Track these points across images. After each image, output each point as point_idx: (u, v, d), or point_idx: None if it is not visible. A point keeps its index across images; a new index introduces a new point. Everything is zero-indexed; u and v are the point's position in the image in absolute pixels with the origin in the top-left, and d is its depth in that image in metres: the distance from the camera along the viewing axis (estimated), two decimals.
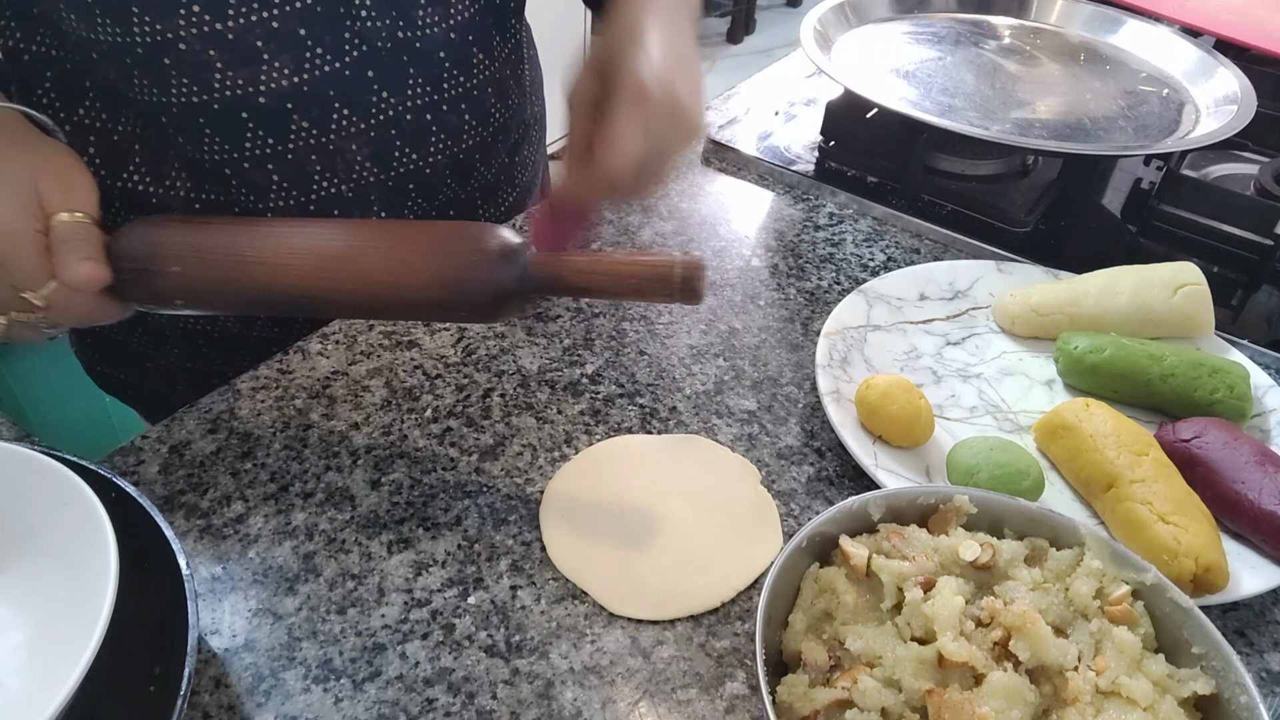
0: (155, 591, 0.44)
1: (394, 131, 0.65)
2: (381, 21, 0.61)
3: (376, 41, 0.61)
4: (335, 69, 0.60)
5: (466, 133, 0.70)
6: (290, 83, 0.59)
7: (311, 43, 0.59)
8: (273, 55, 0.58)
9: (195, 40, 0.56)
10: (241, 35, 0.57)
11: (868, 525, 0.47)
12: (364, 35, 0.61)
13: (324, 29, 0.59)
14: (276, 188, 0.63)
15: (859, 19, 1.00)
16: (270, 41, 0.57)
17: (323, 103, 0.61)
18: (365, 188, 0.66)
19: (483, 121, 0.71)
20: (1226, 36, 1.05)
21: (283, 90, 0.59)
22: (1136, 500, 0.52)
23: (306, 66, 0.59)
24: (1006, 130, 0.83)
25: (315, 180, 0.64)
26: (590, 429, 0.60)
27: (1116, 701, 0.39)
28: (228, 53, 0.57)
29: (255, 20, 0.56)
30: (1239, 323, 0.74)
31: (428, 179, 0.69)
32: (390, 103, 0.64)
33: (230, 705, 0.45)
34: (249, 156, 0.62)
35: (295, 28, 0.58)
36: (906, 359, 0.67)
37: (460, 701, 0.45)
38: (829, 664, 0.42)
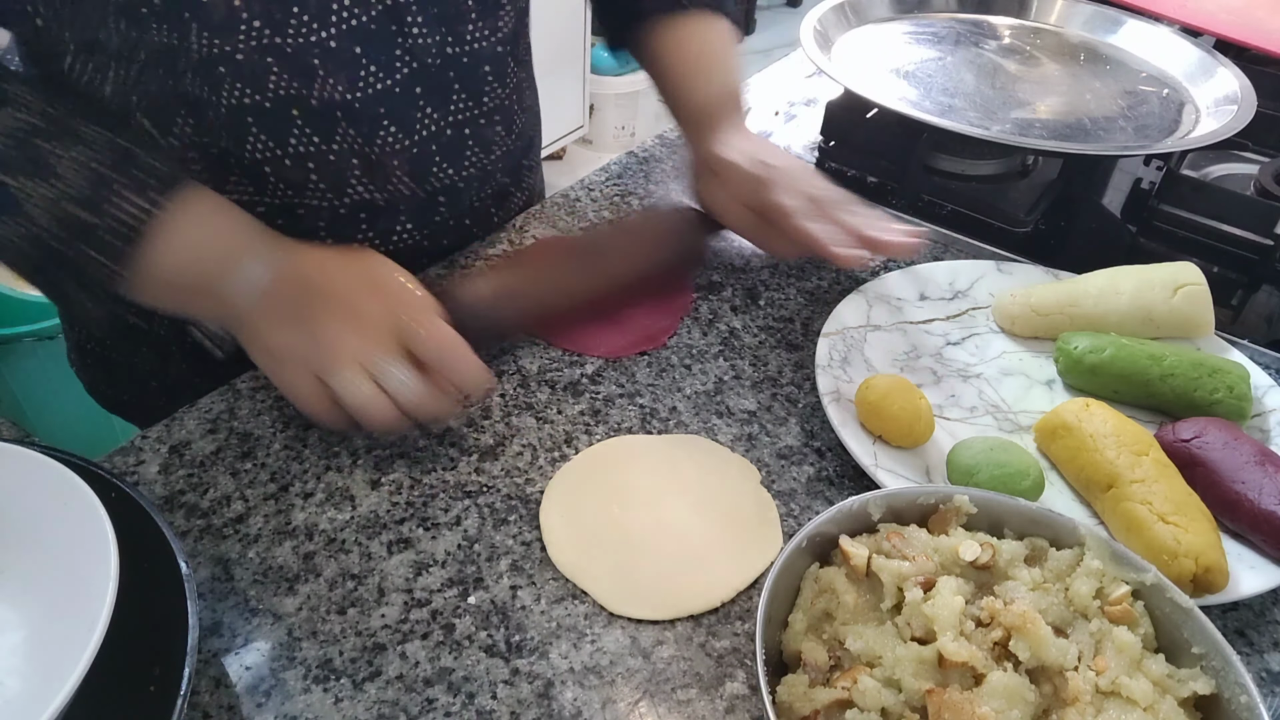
0: (155, 591, 0.44)
1: (434, 147, 0.66)
2: (432, 38, 0.62)
3: (426, 58, 0.62)
4: (386, 86, 0.61)
5: (497, 144, 0.72)
6: (342, 98, 0.60)
7: (366, 61, 0.59)
8: (328, 73, 0.59)
9: (253, 52, 0.56)
10: (299, 52, 0.57)
11: (868, 525, 0.47)
12: (414, 52, 0.61)
13: (378, 48, 0.60)
14: (313, 188, 0.64)
15: (859, 19, 1.00)
16: (327, 60, 0.58)
17: (371, 119, 0.62)
18: (397, 198, 0.67)
19: (509, 130, 0.73)
20: (1226, 36, 1.05)
21: (334, 102, 0.60)
22: (1136, 500, 0.52)
23: (360, 85, 0.60)
24: (1006, 130, 0.83)
25: (351, 185, 0.64)
26: (590, 429, 0.60)
27: (1116, 701, 0.39)
28: (285, 65, 0.57)
29: (314, 40, 0.57)
30: (1239, 323, 0.74)
31: (459, 192, 0.70)
32: (433, 118, 0.65)
33: (230, 705, 0.45)
34: (292, 153, 0.62)
35: (351, 46, 0.58)
36: (906, 359, 0.67)
37: (460, 701, 0.45)
38: (829, 664, 0.42)
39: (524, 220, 0.80)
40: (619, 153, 0.92)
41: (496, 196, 0.76)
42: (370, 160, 0.64)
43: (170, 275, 0.55)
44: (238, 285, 0.55)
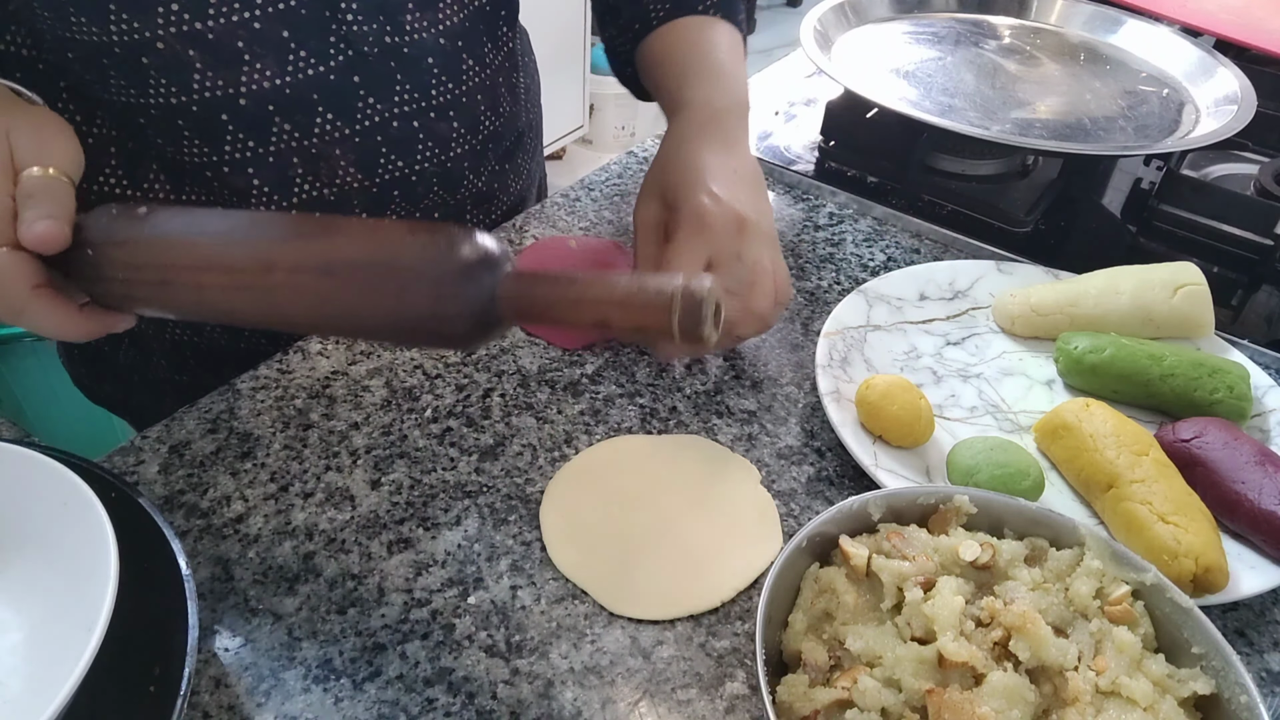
0: (155, 591, 0.44)
1: (380, 138, 0.64)
2: (368, 26, 0.60)
3: (363, 46, 0.60)
4: (319, 73, 0.59)
5: (455, 141, 0.69)
6: (272, 85, 0.58)
7: (295, 45, 0.58)
8: (255, 57, 0.57)
9: (174, 40, 0.55)
10: (222, 36, 0.55)
11: (868, 525, 0.47)
12: (350, 39, 0.60)
13: (308, 32, 0.58)
14: (257, 191, 0.63)
15: (859, 19, 1.00)
16: (252, 43, 0.56)
17: (306, 107, 0.60)
18: (348, 193, 0.65)
19: (472, 130, 0.70)
20: (1226, 36, 1.05)
21: (264, 93, 0.58)
22: (1136, 500, 0.52)
23: (289, 69, 0.58)
24: (1006, 130, 0.83)
25: (297, 184, 0.63)
26: (590, 429, 0.60)
27: (1116, 701, 0.39)
28: (208, 53, 0.56)
29: (237, 21, 0.55)
30: (1239, 323, 0.74)
31: (413, 186, 0.68)
32: (376, 109, 0.63)
33: (230, 705, 0.45)
34: (229, 160, 0.61)
35: (279, 30, 0.57)
36: (906, 359, 0.67)
37: (460, 701, 0.45)
38: (829, 664, 0.42)
39: (524, 220, 0.80)
40: (619, 153, 0.92)
41: (473, 198, 0.74)
42: (311, 155, 0.62)
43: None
44: None
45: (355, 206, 0.67)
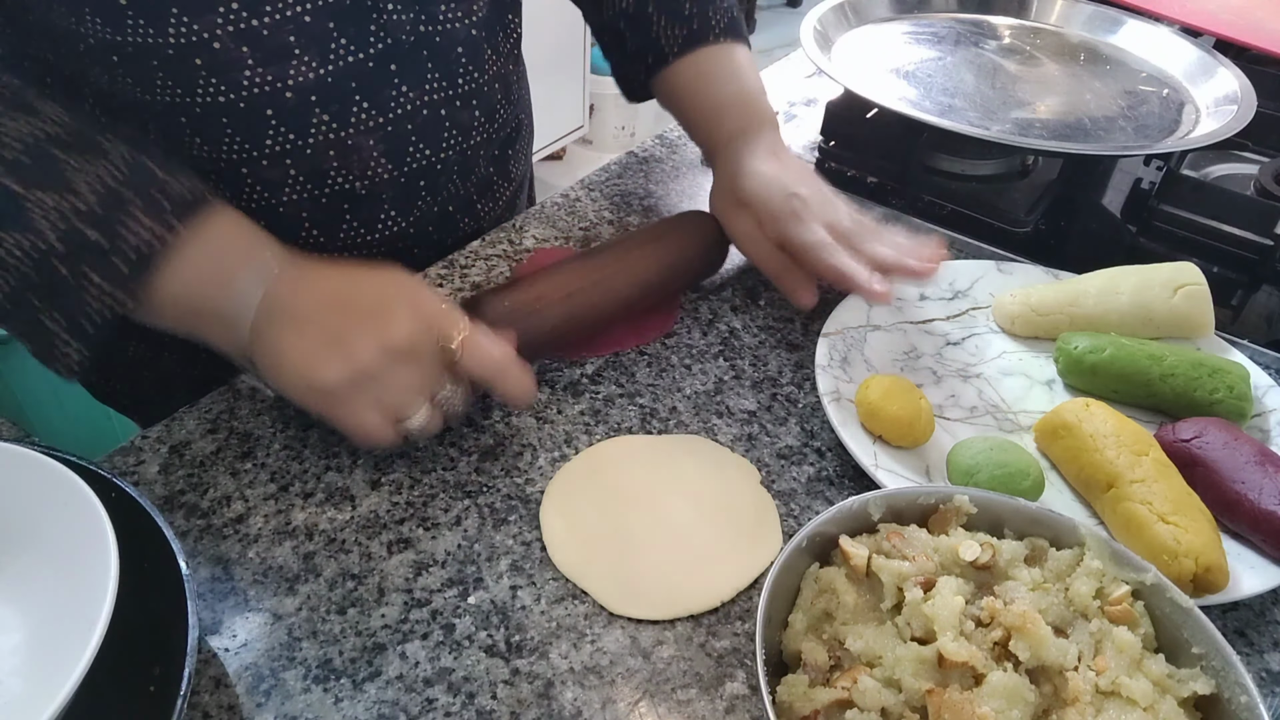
0: (155, 591, 0.44)
1: (410, 127, 0.66)
2: (405, 15, 0.62)
3: (400, 34, 0.62)
4: (358, 60, 0.61)
5: (476, 129, 0.71)
6: (316, 75, 0.59)
7: (338, 34, 0.59)
8: (303, 50, 0.58)
9: (230, 39, 0.56)
10: (275, 31, 0.57)
11: (868, 525, 0.47)
12: (388, 28, 0.61)
13: (350, 22, 0.59)
14: (292, 182, 0.64)
15: (859, 19, 1.00)
16: (301, 36, 0.58)
17: (343, 96, 0.61)
18: (378, 184, 0.67)
19: (489, 117, 0.72)
20: (1226, 36, 1.05)
21: (308, 84, 0.60)
22: (1136, 500, 0.52)
23: (331, 59, 0.60)
24: (1006, 130, 0.83)
25: (330, 176, 0.64)
26: (590, 429, 0.60)
27: (1116, 701, 0.39)
28: (260, 50, 0.57)
29: (289, 15, 0.57)
30: (1239, 323, 0.74)
31: (437, 175, 0.70)
32: (409, 97, 0.64)
33: (230, 705, 0.45)
34: (268, 153, 0.62)
35: (325, 21, 0.58)
36: (906, 359, 0.67)
37: (460, 701, 0.45)
38: (829, 664, 0.42)
39: (523, 220, 0.80)
40: (619, 153, 0.92)
41: (480, 185, 0.76)
42: (346, 146, 0.63)
43: (175, 299, 0.52)
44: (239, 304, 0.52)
45: (384, 200, 0.68)
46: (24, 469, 0.45)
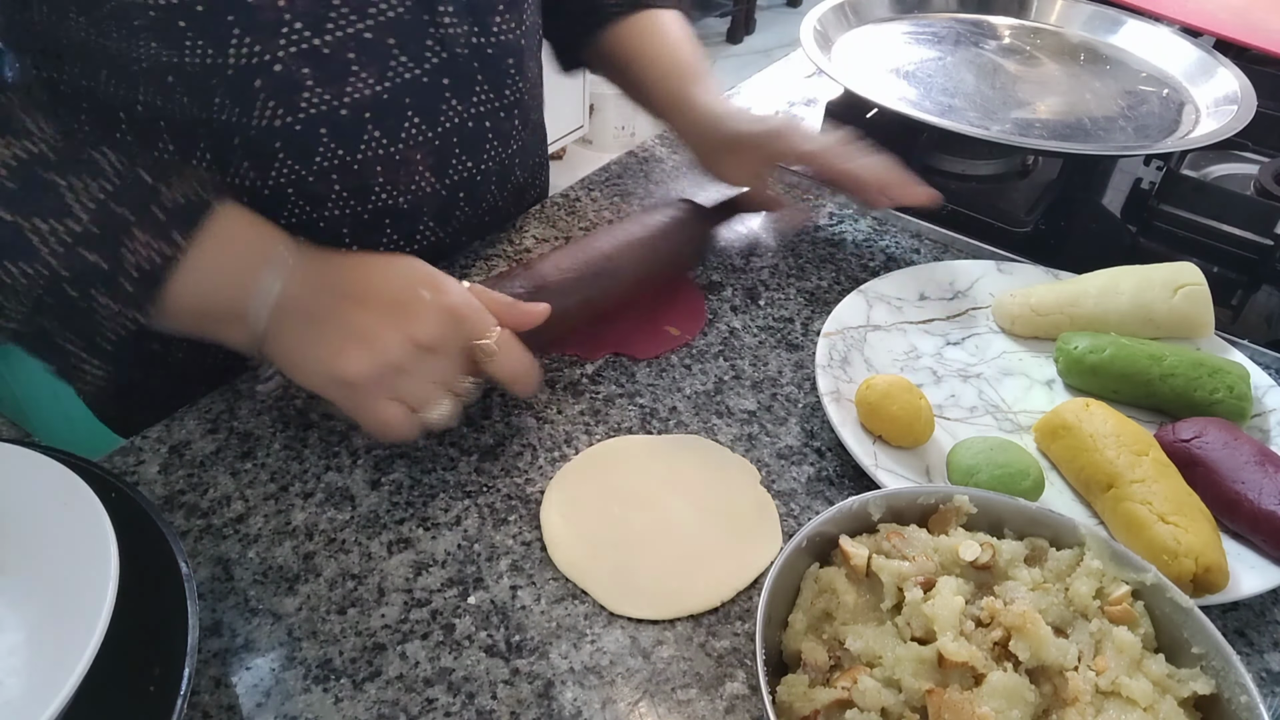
0: (155, 591, 0.44)
1: (455, 139, 0.66)
2: (461, 28, 0.62)
3: (455, 48, 0.62)
4: (415, 75, 0.61)
5: (514, 137, 0.72)
6: (373, 92, 0.59)
7: (398, 51, 0.59)
8: (361, 67, 0.58)
9: (291, 60, 0.55)
10: (336, 50, 0.56)
11: (868, 525, 0.47)
12: (445, 42, 0.61)
13: (409, 37, 0.59)
14: (335, 198, 0.63)
15: (859, 19, 1.00)
16: (362, 53, 0.57)
17: (397, 111, 0.61)
18: (420, 198, 0.67)
19: (526, 125, 0.73)
20: (1226, 36, 1.05)
21: (363, 101, 0.59)
22: (1136, 500, 0.52)
23: (389, 75, 0.59)
24: (1006, 130, 0.83)
25: (374, 192, 0.64)
26: (590, 429, 0.60)
27: (1116, 701, 0.39)
28: (321, 70, 0.56)
29: (351, 33, 0.56)
30: (1239, 323, 0.74)
31: (476, 185, 0.70)
32: (457, 110, 0.65)
33: (230, 705, 0.45)
34: (316, 170, 0.61)
35: (386, 37, 0.58)
36: (906, 359, 0.67)
37: (460, 701, 0.45)
38: (829, 664, 0.42)
39: (523, 221, 0.80)
40: (619, 153, 0.92)
41: (514, 193, 0.76)
42: (394, 161, 0.63)
43: (191, 306, 0.52)
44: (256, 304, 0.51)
45: (425, 213, 0.68)
46: (24, 469, 0.45)
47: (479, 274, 0.73)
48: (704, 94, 0.73)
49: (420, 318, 0.50)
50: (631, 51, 0.77)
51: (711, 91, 0.74)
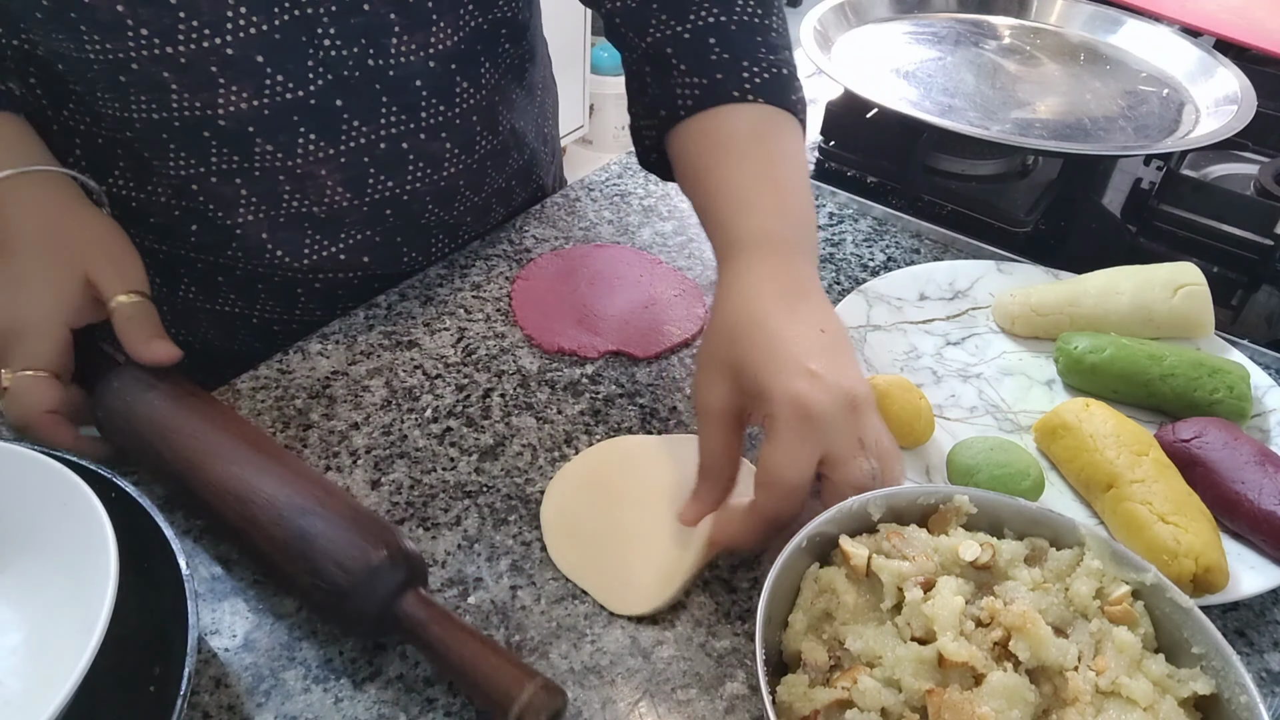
0: (155, 591, 0.44)
1: (366, 159, 0.63)
2: (348, 50, 0.59)
3: (343, 70, 0.59)
4: (299, 97, 0.59)
5: (449, 160, 0.68)
6: (250, 106, 0.58)
7: (271, 70, 0.57)
8: (230, 81, 0.56)
9: (148, 62, 0.55)
10: (195, 60, 0.55)
11: (868, 525, 0.47)
12: (328, 64, 0.59)
13: (285, 57, 0.57)
14: (245, 202, 0.63)
15: (859, 19, 1.00)
16: (226, 69, 0.56)
17: (287, 128, 0.60)
18: (339, 210, 0.65)
19: (467, 149, 0.69)
20: (1226, 36, 1.05)
21: (242, 114, 0.58)
22: (1136, 500, 0.52)
23: (266, 94, 0.58)
24: (1006, 130, 0.83)
25: (285, 199, 0.63)
26: (590, 429, 0.60)
27: (1116, 701, 0.39)
28: (183, 75, 0.56)
29: (208, 47, 0.55)
30: (1239, 323, 0.74)
31: (406, 205, 0.68)
32: (361, 130, 0.62)
33: (230, 705, 0.45)
34: (215, 171, 0.61)
35: (252, 55, 0.56)
36: (906, 359, 0.67)
37: (460, 701, 0.45)
38: (829, 664, 0.42)
39: (523, 220, 0.80)
40: (619, 153, 0.92)
41: (473, 210, 0.74)
42: (296, 173, 0.62)
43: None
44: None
45: (348, 224, 0.66)
46: (24, 469, 0.45)
47: (479, 274, 0.73)
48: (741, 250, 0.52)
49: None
50: (690, 160, 0.58)
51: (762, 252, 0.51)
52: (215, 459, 0.49)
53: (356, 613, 0.44)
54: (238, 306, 0.70)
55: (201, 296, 0.69)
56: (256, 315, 0.71)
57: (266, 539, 0.46)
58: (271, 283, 0.68)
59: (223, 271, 0.68)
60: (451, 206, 0.71)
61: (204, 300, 0.70)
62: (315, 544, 0.44)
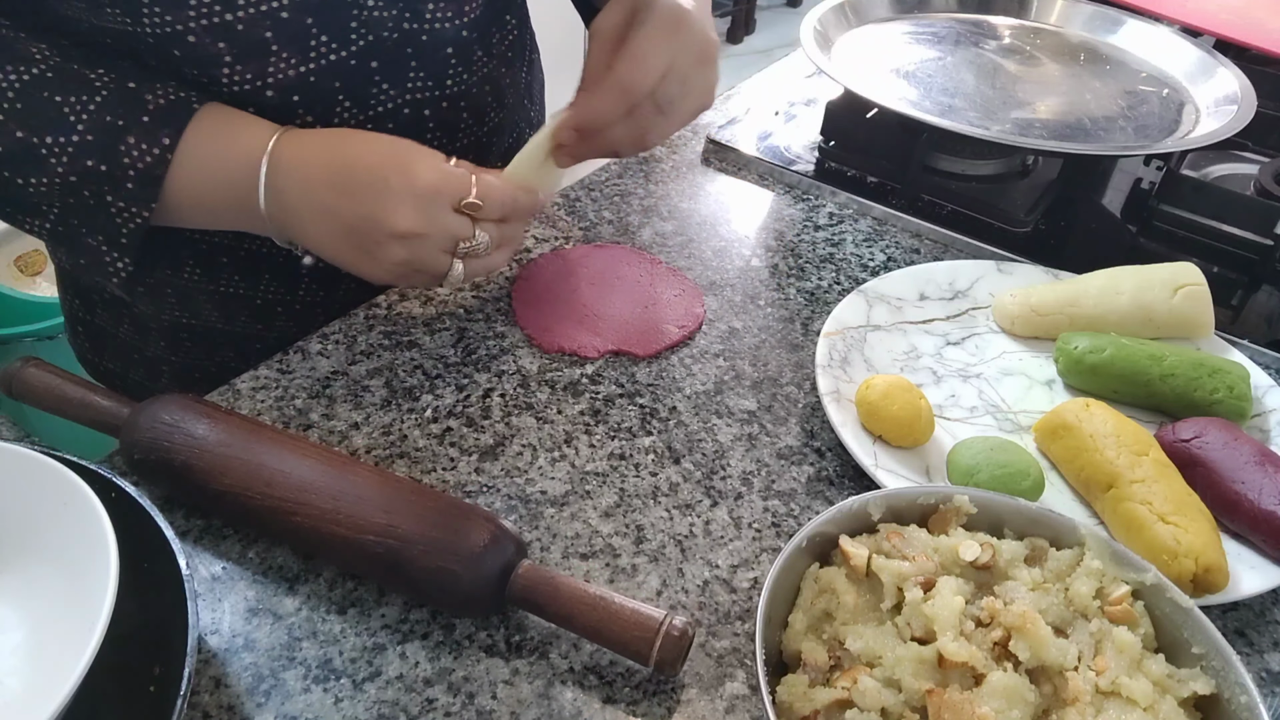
0: (155, 591, 0.44)
1: (390, 125, 0.65)
2: (388, 12, 0.61)
3: (382, 31, 0.61)
4: (341, 58, 0.61)
5: (463, 131, 0.70)
6: (297, 73, 0.59)
7: (317, 31, 0.59)
8: (281, 46, 0.58)
9: (204, 33, 0.56)
10: (250, 26, 0.57)
11: (868, 525, 0.47)
12: (370, 25, 0.61)
13: (330, 18, 0.59)
14: None
15: (859, 19, 1.00)
16: (278, 32, 0.58)
17: (327, 95, 0.61)
18: None
19: (478, 121, 0.71)
20: (1226, 36, 1.05)
21: (289, 82, 0.60)
22: (1136, 500, 0.52)
23: (312, 56, 0.59)
24: (1006, 130, 0.83)
25: None
26: (590, 429, 0.60)
27: (1116, 701, 0.39)
28: (236, 46, 0.57)
29: (265, 10, 0.56)
30: (1239, 323, 0.74)
31: None
32: (390, 94, 0.64)
33: (230, 705, 0.45)
34: None
35: (303, 17, 0.58)
36: (906, 359, 0.67)
37: (460, 701, 0.45)
38: (829, 664, 0.42)
39: None
40: None
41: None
42: None
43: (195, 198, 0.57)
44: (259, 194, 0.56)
45: None
46: (24, 469, 0.45)
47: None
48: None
49: (394, 209, 0.54)
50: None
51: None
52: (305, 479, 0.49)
53: (471, 593, 0.46)
54: (240, 288, 0.71)
55: (204, 278, 0.70)
56: (260, 296, 0.71)
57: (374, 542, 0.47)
58: (275, 263, 0.69)
59: (226, 252, 0.68)
60: None
61: (206, 281, 0.70)
62: (426, 536, 0.46)
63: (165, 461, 0.50)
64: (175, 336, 0.73)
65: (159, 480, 0.52)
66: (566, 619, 0.46)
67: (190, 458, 0.50)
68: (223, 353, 0.63)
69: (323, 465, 0.49)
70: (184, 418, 0.51)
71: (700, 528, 0.55)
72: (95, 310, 0.76)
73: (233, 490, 0.49)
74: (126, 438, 0.52)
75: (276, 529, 0.49)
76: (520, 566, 0.47)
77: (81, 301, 0.77)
